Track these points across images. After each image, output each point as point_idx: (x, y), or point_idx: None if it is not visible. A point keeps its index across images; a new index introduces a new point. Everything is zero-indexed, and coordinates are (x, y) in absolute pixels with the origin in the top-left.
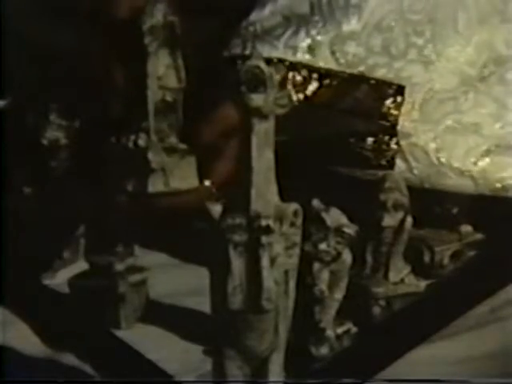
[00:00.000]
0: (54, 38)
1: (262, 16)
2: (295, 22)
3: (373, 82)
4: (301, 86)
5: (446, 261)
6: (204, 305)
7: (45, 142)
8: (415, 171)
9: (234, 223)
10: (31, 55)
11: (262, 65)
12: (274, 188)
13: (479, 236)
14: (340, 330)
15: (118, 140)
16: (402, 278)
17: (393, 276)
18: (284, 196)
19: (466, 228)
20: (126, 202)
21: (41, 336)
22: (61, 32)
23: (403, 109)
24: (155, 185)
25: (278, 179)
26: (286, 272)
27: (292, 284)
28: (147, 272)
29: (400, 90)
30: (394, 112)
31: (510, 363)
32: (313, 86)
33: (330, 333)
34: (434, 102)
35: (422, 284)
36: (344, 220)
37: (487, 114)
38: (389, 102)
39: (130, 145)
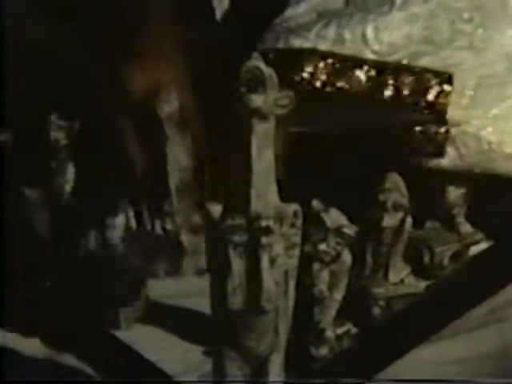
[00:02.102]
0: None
1: (296, 13)
2: (328, 15)
3: (417, 70)
4: (336, 76)
5: (445, 261)
6: (204, 306)
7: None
8: (465, 158)
9: (234, 224)
10: None
11: (262, 65)
12: (273, 188)
13: (479, 236)
14: (340, 331)
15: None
16: (401, 279)
17: (393, 276)
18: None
19: (466, 228)
20: None
21: (41, 337)
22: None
23: (452, 97)
24: (188, 267)
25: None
26: (286, 272)
27: (292, 284)
28: None
29: (448, 78)
30: (443, 101)
31: (510, 363)
32: (351, 77)
33: (329, 333)
34: (483, 88)
35: (422, 284)
36: (344, 221)
37: None
38: (436, 90)
39: (158, 230)
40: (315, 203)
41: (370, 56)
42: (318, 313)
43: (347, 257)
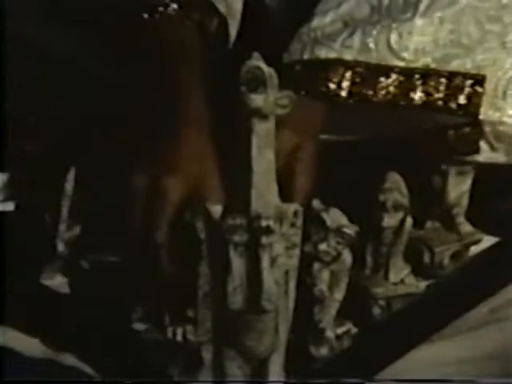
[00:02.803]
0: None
1: (323, 22)
2: (353, 25)
3: (444, 74)
4: (362, 85)
5: (445, 261)
6: None
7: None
8: (500, 152)
9: (235, 224)
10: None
11: (262, 65)
12: (274, 188)
13: (479, 236)
14: (340, 331)
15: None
16: (401, 279)
17: (393, 276)
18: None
19: (466, 228)
20: None
21: (41, 336)
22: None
23: (485, 98)
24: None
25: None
26: (286, 272)
27: (292, 284)
28: None
29: (480, 79)
30: (475, 102)
31: (510, 363)
32: (377, 85)
33: (329, 333)
34: None
35: (422, 284)
36: (344, 220)
37: None
38: (467, 92)
39: (179, 338)
40: (315, 203)
41: (396, 63)
42: (318, 313)
43: (347, 257)
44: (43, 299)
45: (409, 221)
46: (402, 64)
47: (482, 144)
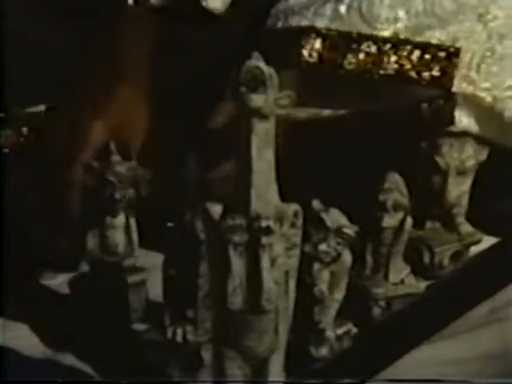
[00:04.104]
0: None
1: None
2: None
3: (418, 45)
4: (334, 53)
5: (445, 261)
6: None
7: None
8: (476, 127)
9: (234, 224)
10: None
11: (262, 65)
12: (274, 188)
13: (479, 236)
14: (340, 331)
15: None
16: (401, 279)
17: (393, 277)
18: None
19: (466, 228)
20: None
21: (41, 336)
22: None
23: (459, 70)
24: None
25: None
26: (286, 272)
27: (292, 284)
28: (146, 273)
29: (454, 51)
30: (449, 75)
31: (510, 363)
32: (350, 53)
33: (329, 333)
34: (493, 61)
35: (422, 285)
36: (344, 221)
37: None
38: (441, 64)
39: (179, 339)
40: (315, 203)
41: (367, 31)
42: (318, 313)
43: (347, 257)
44: (43, 299)
45: (409, 221)
46: (373, 32)
47: (456, 114)
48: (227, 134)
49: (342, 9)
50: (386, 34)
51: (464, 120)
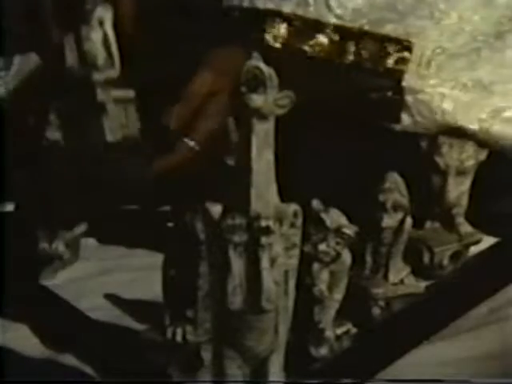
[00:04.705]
0: None
1: None
2: None
3: (377, 37)
4: (298, 39)
5: (445, 261)
6: None
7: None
8: (419, 125)
9: (234, 224)
10: None
11: (262, 65)
12: (273, 188)
13: (479, 236)
14: (339, 331)
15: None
16: (401, 279)
17: (392, 277)
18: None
19: (466, 228)
20: None
21: (41, 336)
22: None
23: (410, 65)
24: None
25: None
26: (286, 272)
27: (292, 284)
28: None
29: (408, 45)
30: (400, 68)
31: (510, 363)
32: (312, 40)
33: (329, 333)
34: (443, 58)
35: (422, 285)
36: (343, 221)
37: (501, 73)
38: (395, 57)
39: (179, 339)
40: (315, 203)
41: (332, 21)
42: (318, 313)
43: (347, 257)
44: (43, 299)
45: (408, 221)
46: (338, 22)
47: (404, 116)
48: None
49: None
50: (351, 25)
51: (406, 120)
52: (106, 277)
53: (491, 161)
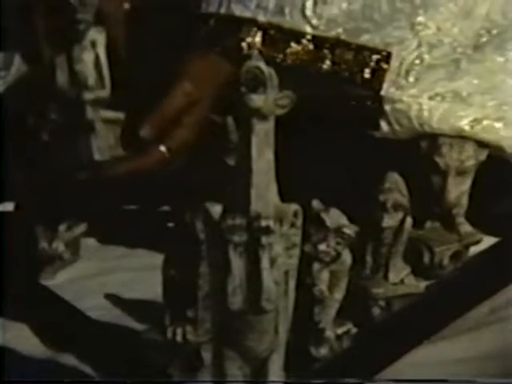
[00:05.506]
0: None
1: None
2: None
3: (353, 46)
4: (273, 48)
5: (445, 261)
6: None
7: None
8: (398, 134)
9: (234, 224)
10: None
11: (262, 65)
12: (274, 188)
13: (479, 236)
14: (340, 331)
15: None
16: (401, 279)
17: (392, 276)
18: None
19: (466, 228)
20: None
21: (40, 337)
22: None
23: (389, 75)
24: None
25: None
26: (286, 272)
27: (292, 284)
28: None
29: (386, 56)
30: (378, 78)
31: (510, 363)
32: (288, 49)
33: (329, 333)
34: (422, 69)
35: (422, 284)
36: (344, 221)
37: (479, 84)
38: (372, 67)
39: (179, 339)
40: (315, 203)
41: (308, 30)
42: (318, 313)
43: (347, 257)
44: (43, 299)
45: (409, 221)
46: (313, 32)
47: (383, 124)
48: None
49: (286, 5)
50: (326, 34)
51: (385, 127)
52: (105, 277)
53: (491, 161)
